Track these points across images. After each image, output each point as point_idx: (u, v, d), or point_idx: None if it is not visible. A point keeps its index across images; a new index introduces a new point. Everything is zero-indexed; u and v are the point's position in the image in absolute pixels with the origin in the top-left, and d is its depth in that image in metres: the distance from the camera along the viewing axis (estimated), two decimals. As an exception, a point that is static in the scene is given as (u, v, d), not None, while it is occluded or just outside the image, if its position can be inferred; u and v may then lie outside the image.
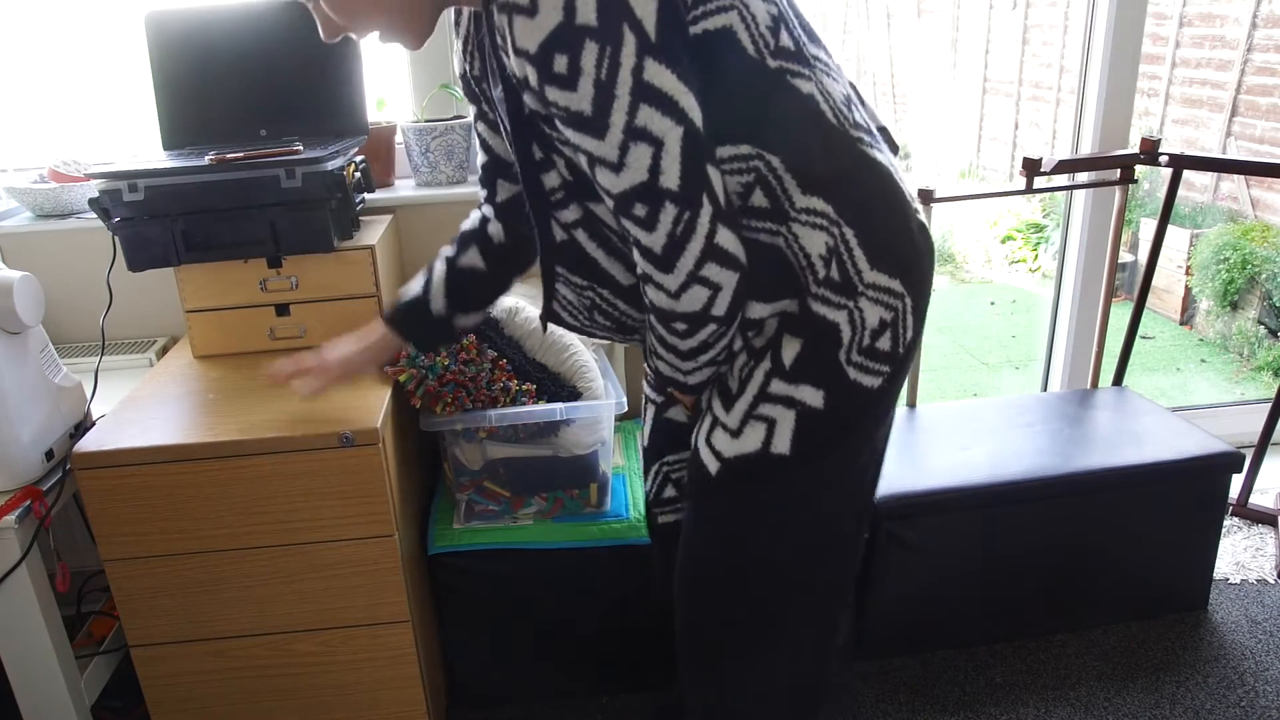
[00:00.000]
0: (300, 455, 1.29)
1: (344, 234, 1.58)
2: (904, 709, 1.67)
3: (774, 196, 0.94)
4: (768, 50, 0.91)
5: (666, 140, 0.86)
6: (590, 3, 0.81)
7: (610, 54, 0.82)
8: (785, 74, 0.92)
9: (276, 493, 1.30)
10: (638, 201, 0.88)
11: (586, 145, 0.88)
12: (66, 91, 2.06)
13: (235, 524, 1.31)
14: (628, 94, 0.83)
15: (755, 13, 0.91)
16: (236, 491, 1.30)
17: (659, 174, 0.86)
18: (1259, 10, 4.22)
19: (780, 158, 0.93)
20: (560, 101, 0.86)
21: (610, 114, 0.84)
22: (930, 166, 6.37)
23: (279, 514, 1.31)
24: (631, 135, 0.85)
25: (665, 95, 0.85)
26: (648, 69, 0.83)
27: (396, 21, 0.99)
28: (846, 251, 0.95)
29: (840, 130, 0.95)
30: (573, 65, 0.82)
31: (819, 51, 0.98)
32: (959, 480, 1.72)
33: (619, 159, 0.87)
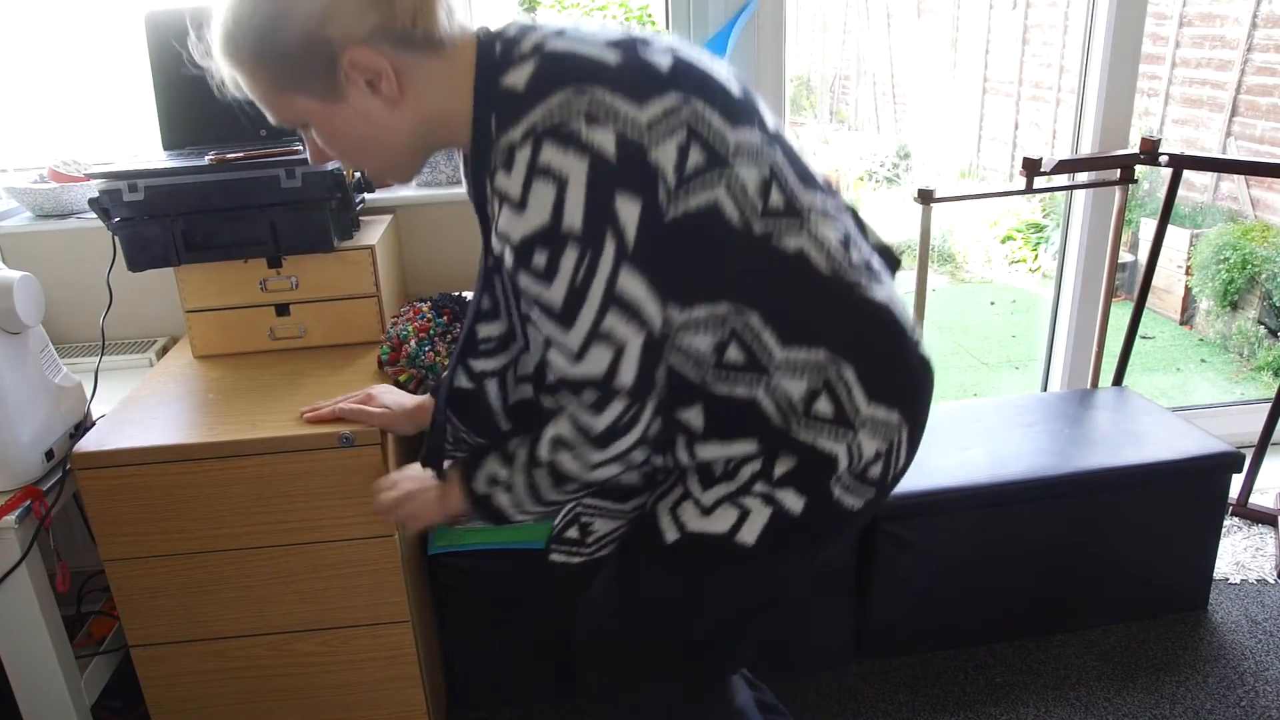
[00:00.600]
0: (300, 455, 1.29)
1: (344, 234, 1.58)
2: (904, 709, 1.67)
3: (750, 352, 0.94)
4: (755, 215, 0.91)
5: (628, 345, 0.89)
6: (578, 209, 0.83)
7: (589, 260, 0.84)
8: (772, 236, 0.93)
9: (277, 493, 1.30)
10: (590, 388, 0.91)
11: (549, 329, 0.90)
12: (66, 91, 2.06)
13: (235, 524, 1.31)
14: (599, 299, 0.86)
15: (745, 181, 0.91)
16: (236, 491, 1.30)
17: (615, 373, 0.90)
18: (1259, 10, 4.22)
19: (760, 314, 0.93)
20: (532, 289, 0.88)
21: (579, 313, 0.87)
22: (930, 166, 6.37)
23: (279, 514, 1.31)
24: (596, 337, 0.88)
25: (633, 304, 0.87)
26: (621, 277, 0.86)
27: (384, 161, 0.99)
28: (844, 389, 0.95)
29: (833, 278, 0.96)
30: (551, 264, 0.85)
31: (813, 196, 0.97)
32: (959, 480, 1.72)
33: (579, 353, 0.89)
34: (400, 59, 0.90)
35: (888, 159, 6.75)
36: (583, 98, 0.84)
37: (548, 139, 0.83)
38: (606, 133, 0.83)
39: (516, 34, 0.92)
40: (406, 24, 0.88)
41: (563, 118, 0.83)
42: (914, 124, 6.82)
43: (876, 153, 6.86)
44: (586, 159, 0.83)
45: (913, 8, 6.93)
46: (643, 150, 0.85)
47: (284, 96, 0.92)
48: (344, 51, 0.88)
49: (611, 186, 0.84)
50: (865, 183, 6.69)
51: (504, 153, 0.85)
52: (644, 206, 0.85)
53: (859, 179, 6.71)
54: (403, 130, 0.94)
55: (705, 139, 0.88)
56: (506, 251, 0.87)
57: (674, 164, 0.87)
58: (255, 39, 0.88)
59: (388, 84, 0.90)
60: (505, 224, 0.86)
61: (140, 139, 1.85)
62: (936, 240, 5.46)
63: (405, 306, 1.61)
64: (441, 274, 1.93)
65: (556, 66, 0.87)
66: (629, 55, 0.89)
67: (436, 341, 1.50)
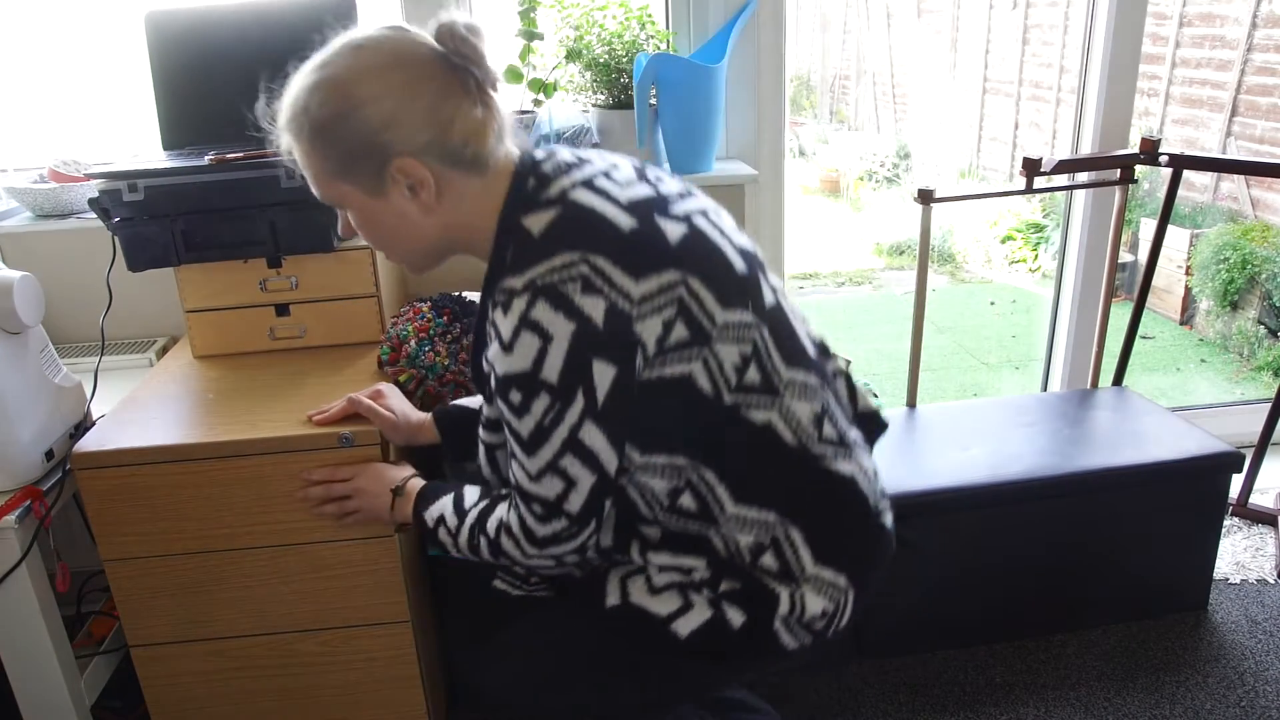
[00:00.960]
0: (300, 455, 1.29)
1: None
2: (904, 709, 1.67)
3: (703, 502, 1.00)
4: (727, 387, 0.97)
5: (579, 483, 0.96)
6: (557, 364, 0.90)
7: (557, 410, 0.92)
8: (741, 407, 0.98)
9: (277, 493, 1.30)
10: (539, 503, 0.98)
11: (514, 448, 0.98)
12: (66, 91, 2.06)
13: (235, 524, 1.31)
14: (560, 442, 0.93)
15: (722, 358, 0.96)
16: (236, 491, 1.30)
17: (564, 501, 0.97)
18: (1259, 10, 4.22)
19: (715, 472, 0.99)
20: (505, 415, 0.96)
21: (540, 449, 0.94)
22: (930, 166, 6.38)
23: (279, 514, 1.31)
24: (552, 469, 0.95)
25: (591, 451, 0.94)
26: (584, 429, 0.93)
27: (407, 255, 1.06)
28: (790, 548, 1.00)
29: (798, 450, 1.01)
30: (524, 404, 0.92)
31: (794, 373, 1.02)
32: (959, 480, 1.72)
33: (535, 476, 0.97)
34: (444, 173, 0.97)
35: (888, 159, 6.76)
36: (584, 265, 0.90)
37: (543, 297, 0.89)
38: (598, 302, 0.90)
39: (550, 172, 0.99)
40: (458, 144, 0.96)
41: (561, 279, 0.90)
42: (914, 124, 6.82)
43: (876, 153, 6.86)
44: (574, 324, 0.89)
45: (913, 8, 6.93)
46: (629, 322, 0.91)
47: (332, 180, 0.99)
48: (396, 158, 0.94)
49: (592, 351, 0.90)
50: (865, 183, 6.69)
51: (504, 294, 0.92)
52: (618, 373, 0.92)
53: (859, 179, 6.72)
54: (430, 234, 1.02)
55: (693, 316, 0.94)
56: (491, 375, 0.96)
57: (656, 337, 0.93)
58: (319, 127, 0.95)
59: (427, 193, 0.97)
60: (493, 355, 0.94)
61: (140, 139, 1.85)
62: (936, 240, 5.46)
63: (405, 306, 1.61)
64: (441, 274, 1.92)
65: (572, 224, 0.94)
66: (644, 221, 0.95)
67: (436, 341, 1.50)
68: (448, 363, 1.50)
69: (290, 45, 1.66)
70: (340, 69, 0.95)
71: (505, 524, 1.03)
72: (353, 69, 0.94)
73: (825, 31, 8.16)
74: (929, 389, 3.95)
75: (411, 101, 0.93)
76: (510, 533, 1.02)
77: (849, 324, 4.81)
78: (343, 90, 0.94)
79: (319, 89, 0.95)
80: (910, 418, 2.00)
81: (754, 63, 2.01)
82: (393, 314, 1.65)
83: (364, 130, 0.93)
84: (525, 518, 1.00)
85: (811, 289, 5.41)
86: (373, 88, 0.93)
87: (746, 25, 1.95)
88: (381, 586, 1.37)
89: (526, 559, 1.03)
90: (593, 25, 1.85)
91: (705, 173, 1.92)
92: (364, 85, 0.93)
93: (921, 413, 2.02)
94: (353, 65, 0.94)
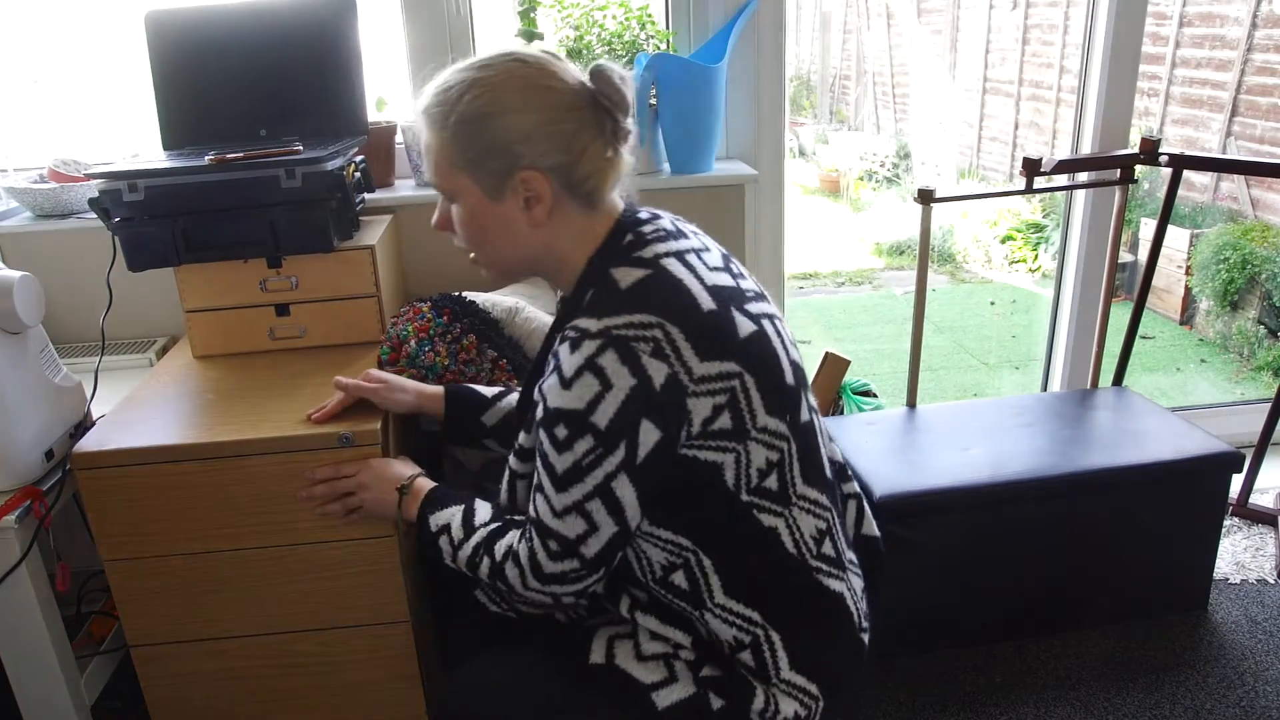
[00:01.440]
0: (300, 455, 1.28)
1: (344, 234, 1.58)
2: (904, 709, 1.67)
3: (695, 584, 1.03)
4: (746, 487, 1.00)
5: (601, 529, 0.98)
6: (609, 412, 0.93)
7: (598, 455, 0.94)
8: (753, 508, 1.01)
9: (277, 493, 1.30)
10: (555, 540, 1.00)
11: (542, 477, 0.99)
12: (66, 91, 2.07)
13: (235, 524, 1.31)
14: (592, 487, 0.96)
15: (753, 458, 1.00)
16: (236, 491, 1.30)
17: (582, 544, 0.99)
18: (1259, 10, 4.22)
19: (713, 561, 1.02)
20: (544, 447, 0.98)
21: (571, 487, 0.96)
22: (930, 166, 6.37)
23: (279, 514, 1.31)
24: (578, 510, 0.97)
25: (619, 504, 0.97)
26: (618, 481, 0.95)
27: (496, 261, 1.09)
28: (769, 649, 1.03)
29: (797, 559, 1.04)
30: (567, 441, 0.95)
31: (809, 490, 1.05)
32: (959, 480, 1.72)
33: (560, 512, 0.98)
34: (561, 197, 1.02)
35: (888, 159, 6.75)
36: (658, 330, 0.94)
37: (614, 347, 0.93)
38: (662, 367, 0.93)
39: (649, 234, 1.04)
40: (582, 177, 1.01)
41: (635, 336, 0.93)
42: (914, 124, 6.82)
43: (876, 153, 6.86)
44: (635, 380, 0.92)
45: (913, 8, 6.93)
46: (684, 396, 0.94)
47: (455, 171, 1.02)
48: (525, 169, 0.99)
49: (644, 411, 0.93)
50: (865, 183, 6.69)
51: (576, 333, 0.95)
52: (663, 438, 0.95)
53: (859, 179, 6.71)
54: (528, 248, 1.05)
55: (739, 411, 0.98)
56: (540, 405, 0.98)
57: (704, 419, 0.96)
58: (464, 120, 0.99)
59: (541, 210, 1.02)
60: (549, 387, 0.97)
61: (140, 139, 1.85)
62: (936, 240, 5.47)
63: (405, 306, 1.61)
64: (441, 274, 1.93)
65: (658, 289, 0.98)
66: (722, 308, 0.99)
67: (436, 341, 1.50)
68: (448, 363, 1.50)
69: (290, 45, 1.68)
70: (499, 74, 1.00)
71: (514, 552, 1.05)
72: (511, 78, 0.99)
73: (825, 31, 8.16)
74: (929, 389, 3.95)
75: (554, 124, 0.99)
76: (517, 562, 1.04)
77: (849, 324, 4.81)
78: (496, 93, 0.99)
79: (475, 86, 0.99)
80: (910, 418, 2.00)
81: (754, 63, 2.01)
82: (393, 314, 1.65)
83: (504, 135, 0.98)
84: (537, 551, 1.01)
85: (811, 289, 5.41)
86: (524, 100, 0.98)
87: (746, 25, 1.95)
88: (381, 586, 1.37)
89: (524, 590, 1.04)
90: (593, 25, 1.85)
91: (705, 173, 1.92)
92: (516, 95, 0.99)
93: (921, 413, 2.02)
94: (512, 74, 1.00)
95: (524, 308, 1.61)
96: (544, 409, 0.97)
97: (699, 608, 1.04)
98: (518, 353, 1.58)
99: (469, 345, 1.54)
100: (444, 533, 1.13)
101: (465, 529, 1.11)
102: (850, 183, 6.74)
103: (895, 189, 6.46)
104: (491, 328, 1.57)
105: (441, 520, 1.14)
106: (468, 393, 1.34)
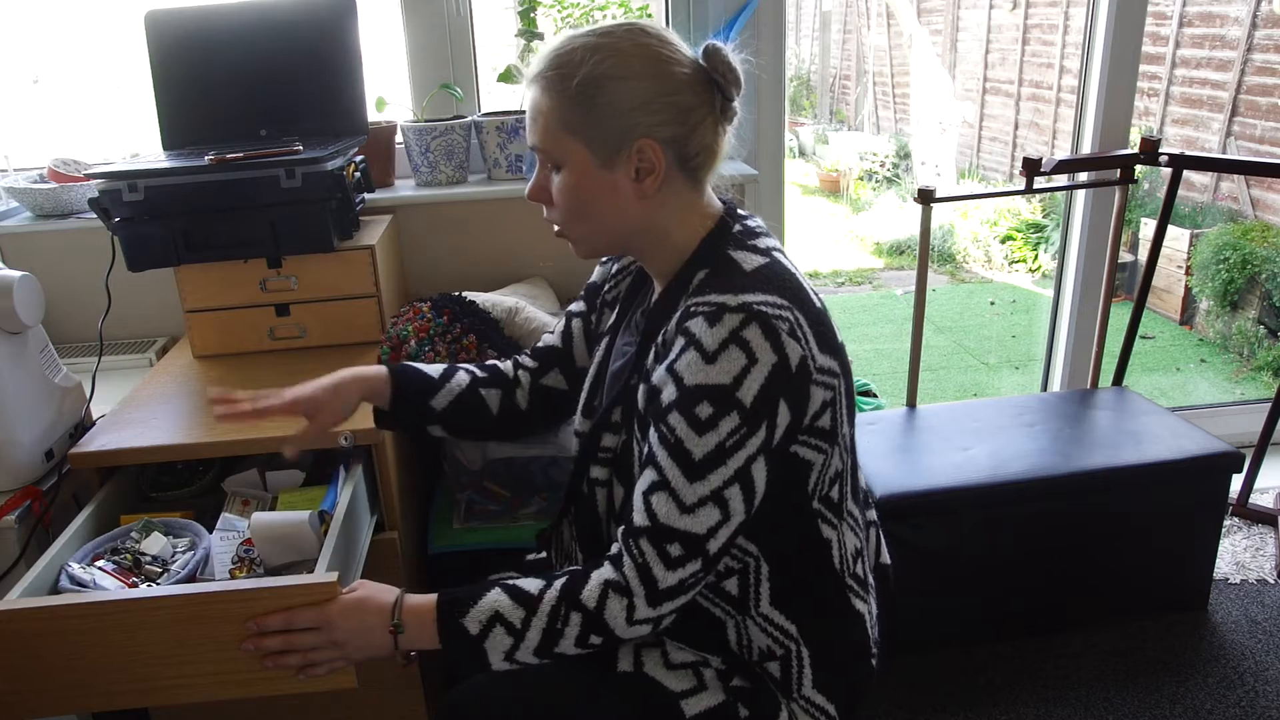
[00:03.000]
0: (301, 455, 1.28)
1: (344, 234, 1.58)
2: (904, 709, 1.67)
3: (745, 591, 1.02)
4: (818, 494, 1.00)
5: (733, 517, 0.93)
6: (754, 387, 0.89)
7: (744, 434, 0.90)
8: (817, 517, 1.01)
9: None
10: (679, 543, 0.92)
11: (671, 475, 0.92)
12: (66, 91, 2.07)
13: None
14: (735, 468, 0.91)
15: (833, 463, 1.00)
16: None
17: (710, 538, 0.93)
18: (1259, 10, 4.22)
19: (770, 568, 1.01)
20: (679, 431, 0.91)
21: (712, 473, 0.91)
22: (930, 166, 6.37)
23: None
24: (715, 498, 0.91)
25: (753, 487, 0.92)
26: (757, 464, 0.91)
27: (592, 233, 1.04)
28: (797, 664, 1.03)
29: (838, 576, 1.04)
30: (712, 419, 0.90)
31: (854, 507, 1.07)
32: (959, 480, 1.72)
33: (692, 506, 0.91)
34: (672, 170, 0.99)
35: (888, 159, 6.76)
36: (790, 314, 0.93)
37: (757, 321, 0.90)
38: (797, 349, 0.92)
39: (756, 228, 1.04)
40: (693, 152, 0.99)
41: (774, 314, 0.91)
42: (914, 124, 6.82)
43: (876, 153, 6.86)
44: (777, 357, 0.90)
45: (912, 8, 6.93)
46: (809, 381, 0.94)
47: (566, 134, 0.98)
48: (642, 137, 0.97)
49: (782, 390, 0.91)
50: (865, 183, 6.69)
51: (712, 307, 0.92)
52: (791, 422, 0.93)
53: (859, 179, 6.71)
54: (632, 220, 1.01)
55: (837, 412, 0.98)
56: (670, 387, 0.92)
57: (814, 412, 0.95)
58: (585, 83, 0.96)
59: (651, 182, 0.98)
60: (684, 366, 0.91)
61: (140, 139, 1.85)
62: (936, 240, 5.47)
63: (405, 306, 1.61)
64: (441, 274, 1.93)
65: (783, 277, 0.97)
66: (824, 311, 1.00)
67: (436, 341, 1.50)
68: (448, 362, 1.50)
69: (290, 45, 1.68)
70: (623, 41, 0.97)
71: (612, 583, 0.93)
72: (634, 45, 0.97)
73: (825, 31, 8.16)
74: (929, 389, 3.95)
75: (673, 95, 0.97)
76: (622, 591, 0.93)
77: (849, 324, 4.81)
78: (620, 59, 0.96)
79: (598, 50, 0.96)
80: (910, 418, 2.00)
81: (754, 63, 2.01)
82: (393, 314, 1.65)
83: (624, 101, 0.96)
84: (652, 565, 0.92)
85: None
86: (646, 67, 0.97)
87: (746, 25, 1.95)
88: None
89: (630, 626, 0.93)
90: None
91: (705, 173, 1.92)
92: (639, 63, 0.97)
93: (921, 413, 2.02)
94: (635, 43, 0.98)
95: (524, 307, 1.61)
96: (679, 389, 0.91)
97: (743, 613, 1.02)
98: (517, 353, 1.58)
99: (469, 345, 1.54)
100: (496, 624, 0.94)
101: (523, 604, 0.94)
102: (850, 183, 6.75)
103: (895, 189, 6.46)
104: (491, 328, 1.57)
105: (483, 614, 0.94)
106: (414, 373, 1.21)
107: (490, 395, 1.23)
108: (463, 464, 1.58)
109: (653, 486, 0.93)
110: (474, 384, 1.22)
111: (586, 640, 0.94)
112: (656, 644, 1.06)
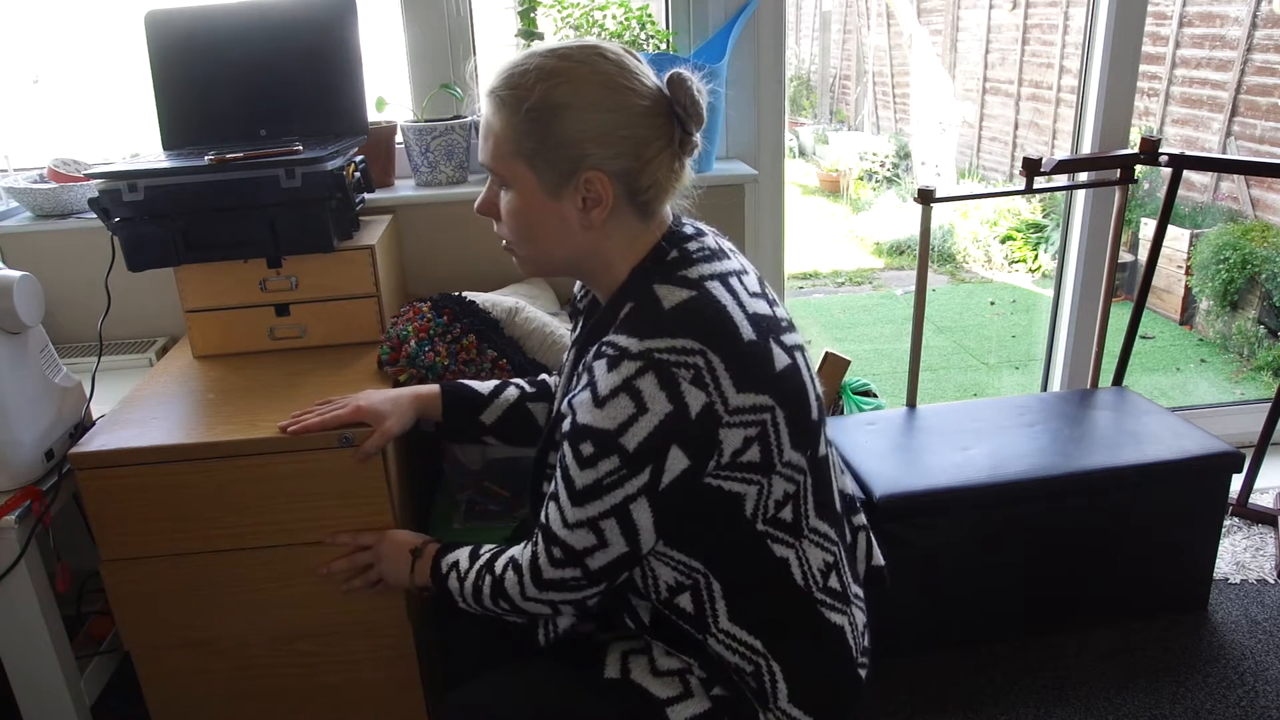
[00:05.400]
0: (300, 455, 1.28)
1: (344, 234, 1.58)
2: (904, 709, 1.67)
3: (700, 607, 1.02)
4: (762, 516, 0.99)
5: (610, 547, 0.97)
6: (639, 435, 0.90)
7: (621, 477, 0.92)
8: (766, 538, 1.00)
9: (276, 493, 1.30)
10: (560, 548, 0.99)
11: (560, 489, 0.97)
12: (66, 91, 2.07)
13: (235, 524, 1.31)
14: (609, 506, 0.94)
15: (774, 489, 0.99)
16: (236, 491, 1.30)
17: (587, 556, 0.98)
18: (1259, 10, 4.22)
19: (722, 586, 1.02)
20: (566, 459, 0.96)
21: (588, 504, 0.95)
22: (930, 166, 6.37)
23: (279, 514, 1.31)
24: (590, 525, 0.96)
25: (634, 527, 0.95)
26: (637, 505, 0.94)
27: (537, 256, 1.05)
28: (770, 679, 1.02)
29: (802, 590, 1.03)
30: (592, 458, 0.93)
31: (820, 524, 1.05)
32: (959, 480, 1.72)
33: (571, 525, 0.97)
34: (619, 202, 0.98)
35: (888, 159, 6.76)
36: (700, 358, 0.91)
37: (654, 371, 0.90)
38: (700, 396, 0.91)
39: (694, 252, 1.01)
40: (643, 185, 0.98)
41: (676, 361, 0.90)
42: (914, 124, 6.82)
43: (876, 153, 6.86)
44: (672, 406, 0.90)
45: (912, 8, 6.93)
46: (718, 426, 0.92)
47: (516, 159, 0.98)
48: (591, 169, 0.96)
49: (676, 438, 0.91)
50: (865, 183, 6.69)
51: (615, 350, 0.93)
52: (690, 467, 0.93)
53: (859, 179, 6.72)
54: (575, 248, 1.02)
55: (768, 445, 0.96)
56: (569, 418, 0.96)
57: (733, 450, 0.94)
58: (535, 109, 0.94)
59: (598, 213, 0.98)
60: (579, 401, 0.94)
61: (140, 139, 1.85)
62: (936, 240, 5.47)
63: (405, 306, 1.61)
64: (441, 274, 1.93)
65: (702, 313, 0.94)
66: (761, 339, 0.97)
67: (436, 341, 1.50)
68: (448, 363, 1.50)
69: (290, 45, 1.67)
70: (580, 67, 0.95)
71: (515, 561, 1.05)
72: (591, 73, 0.95)
73: (825, 31, 8.16)
74: (929, 389, 3.95)
75: (627, 128, 0.95)
76: (518, 569, 1.04)
77: (849, 324, 4.81)
78: (574, 86, 0.94)
79: (553, 75, 0.94)
80: (910, 418, 2.00)
81: (754, 63, 2.01)
82: (393, 314, 1.65)
83: (574, 131, 0.94)
84: (539, 556, 1.01)
85: (811, 289, 5.42)
86: (600, 98, 0.94)
87: (746, 25, 1.95)
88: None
89: (523, 599, 1.04)
90: (592, 25, 1.85)
91: (705, 173, 1.92)
92: (593, 92, 0.94)
93: (921, 413, 2.02)
94: (592, 70, 0.95)
95: (524, 308, 1.61)
96: (572, 423, 0.94)
97: (703, 632, 1.02)
98: (518, 353, 1.58)
99: (469, 345, 1.54)
100: (453, 569, 1.13)
101: (471, 559, 1.12)
102: (850, 183, 6.75)
103: (895, 189, 6.46)
104: (491, 328, 1.57)
105: (450, 560, 1.15)
106: (465, 391, 1.32)
107: (537, 409, 1.30)
108: (463, 464, 1.58)
109: (551, 495, 1.00)
110: (522, 399, 1.30)
111: (497, 602, 1.08)
112: (644, 650, 1.07)
